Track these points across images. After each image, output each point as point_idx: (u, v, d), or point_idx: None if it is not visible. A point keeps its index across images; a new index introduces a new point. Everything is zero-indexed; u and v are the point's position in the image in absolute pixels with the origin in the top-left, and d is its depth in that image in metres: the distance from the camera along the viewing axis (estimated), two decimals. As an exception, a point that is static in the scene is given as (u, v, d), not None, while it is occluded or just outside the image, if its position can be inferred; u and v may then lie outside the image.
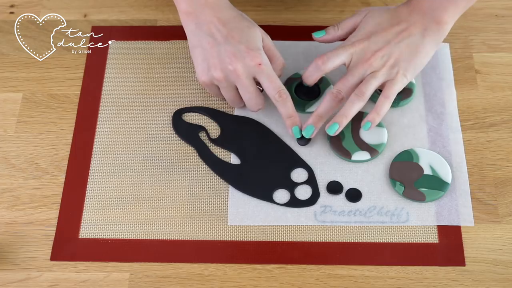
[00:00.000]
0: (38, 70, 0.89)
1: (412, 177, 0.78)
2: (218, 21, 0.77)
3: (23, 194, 0.80)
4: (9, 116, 0.85)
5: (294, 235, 0.76)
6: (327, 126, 0.78)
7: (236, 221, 0.77)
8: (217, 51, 0.76)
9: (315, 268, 0.75)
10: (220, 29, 0.77)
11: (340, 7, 0.94)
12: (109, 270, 0.75)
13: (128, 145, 0.82)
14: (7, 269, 0.75)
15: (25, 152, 0.82)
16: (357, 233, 0.76)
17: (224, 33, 0.77)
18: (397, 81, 0.77)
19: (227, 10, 0.79)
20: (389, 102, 0.77)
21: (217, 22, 0.77)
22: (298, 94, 0.85)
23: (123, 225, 0.77)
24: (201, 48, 0.77)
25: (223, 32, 0.77)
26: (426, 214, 0.77)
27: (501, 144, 0.82)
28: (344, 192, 0.79)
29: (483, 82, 0.86)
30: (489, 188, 0.79)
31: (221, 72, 0.76)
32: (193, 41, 0.78)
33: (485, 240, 0.76)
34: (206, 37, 0.77)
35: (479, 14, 0.92)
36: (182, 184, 0.80)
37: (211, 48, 0.77)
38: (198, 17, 0.78)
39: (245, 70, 0.76)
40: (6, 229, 0.77)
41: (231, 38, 0.76)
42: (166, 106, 0.85)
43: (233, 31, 0.77)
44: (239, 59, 0.76)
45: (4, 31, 0.92)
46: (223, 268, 0.75)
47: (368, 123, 0.77)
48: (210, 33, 0.77)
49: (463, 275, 0.74)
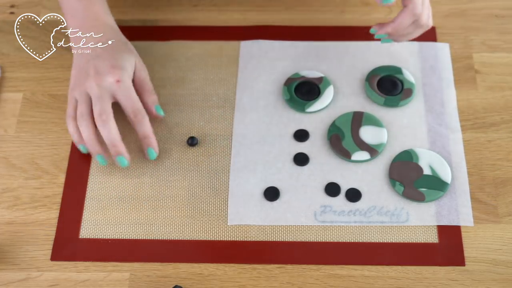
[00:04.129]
0: (38, 70, 0.89)
1: (412, 177, 0.78)
2: (99, 41, 0.80)
3: (23, 194, 0.80)
4: (9, 116, 0.85)
5: (294, 235, 0.76)
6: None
7: (236, 221, 0.77)
8: (86, 66, 0.79)
9: (315, 268, 0.75)
10: (96, 49, 0.80)
11: (340, 7, 0.94)
12: (109, 270, 0.75)
13: (128, 145, 0.82)
14: (7, 269, 0.75)
15: (25, 152, 0.82)
16: (357, 233, 0.76)
17: (98, 52, 0.79)
18: None
19: (111, 34, 0.82)
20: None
21: (98, 42, 0.80)
22: (298, 94, 0.85)
23: (123, 225, 0.77)
24: (77, 65, 0.81)
25: (97, 51, 0.80)
26: (426, 214, 0.77)
27: (501, 144, 0.82)
28: (344, 192, 0.79)
29: (483, 82, 0.86)
30: (489, 188, 0.79)
31: (82, 86, 0.78)
32: (74, 60, 0.82)
33: (485, 240, 0.76)
34: (84, 56, 0.80)
35: (479, 14, 0.92)
36: (182, 184, 0.80)
37: (81, 64, 0.80)
38: (83, 38, 0.81)
39: (104, 86, 0.77)
40: (6, 229, 0.78)
41: (101, 56, 0.79)
42: (166, 106, 0.85)
43: (106, 51, 0.79)
44: (100, 74, 0.78)
45: (4, 31, 0.92)
46: (223, 268, 0.75)
47: (391, 41, 0.82)
48: (86, 52, 0.80)
49: (463, 275, 0.74)
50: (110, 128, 0.77)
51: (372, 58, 0.88)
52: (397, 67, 0.87)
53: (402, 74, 0.86)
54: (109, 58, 0.79)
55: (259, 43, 0.90)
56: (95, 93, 0.77)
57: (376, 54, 0.88)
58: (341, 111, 0.84)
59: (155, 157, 0.80)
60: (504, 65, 0.88)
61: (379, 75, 0.86)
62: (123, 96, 0.78)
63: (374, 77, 0.86)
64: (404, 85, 0.85)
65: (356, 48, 0.89)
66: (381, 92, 0.85)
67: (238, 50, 0.90)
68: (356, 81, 0.87)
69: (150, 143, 0.79)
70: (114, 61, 0.79)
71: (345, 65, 0.88)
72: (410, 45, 0.89)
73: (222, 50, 0.90)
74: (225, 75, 0.88)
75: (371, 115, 0.83)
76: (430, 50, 0.89)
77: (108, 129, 0.77)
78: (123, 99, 0.78)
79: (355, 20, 0.92)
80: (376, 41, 0.89)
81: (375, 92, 0.85)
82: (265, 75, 0.87)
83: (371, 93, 0.85)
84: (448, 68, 0.87)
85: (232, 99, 0.86)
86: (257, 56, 0.89)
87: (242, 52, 0.89)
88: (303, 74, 0.86)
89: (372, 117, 0.83)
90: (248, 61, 0.88)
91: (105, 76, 0.77)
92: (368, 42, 0.89)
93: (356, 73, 0.87)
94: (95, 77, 0.78)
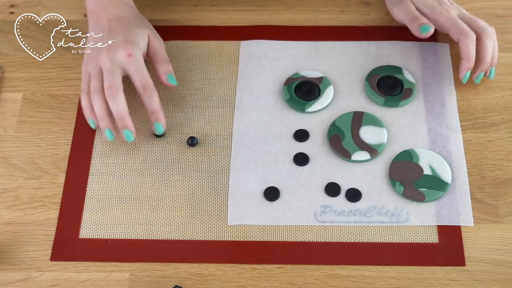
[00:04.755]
0: (38, 70, 0.89)
1: (412, 177, 0.78)
2: (113, 17, 0.83)
3: (23, 194, 0.80)
4: (9, 116, 0.85)
5: (294, 235, 0.76)
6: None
7: (236, 221, 0.77)
8: (100, 40, 0.81)
9: (315, 268, 0.75)
10: (111, 24, 0.82)
11: (340, 7, 0.94)
12: (109, 270, 0.75)
13: (128, 145, 0.82)
14: (7, 269, 0.75)
15: (25, 152, 0.82)
16: (357, 233, 0.76)
17: (112, 27, 0.82)
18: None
19: (126, 9, 0.85)
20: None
21: (112, 18, 0.83)
22: (298, 94, 0.85)
23: (123, 225, 0.77)
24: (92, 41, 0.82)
25: (112, 26, 0.82)
26: (426, 214, 0.77)
27: (501, 144, 0.82)
28: (344, 192, 0.79)
29: (483, 82, 0.86)
30: (489, 188, 0.79)
31: (95, 60, 0.80)
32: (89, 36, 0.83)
33: (485, 240, 0.76)
34: (98, 30, 0.82)
35: (479, 14, 0.92)
36: (182, 184, 0.80)
37: (97, 39, 0.81)
38: (99, 14, 0.83)
39: (116, 60, 0.79)
40: (6, 229, 0.77)
41: (114, 31, 0.81)
42: (166, 106, 0.85)
43: (119, 26, 0.82)
44: (113, 49, 0.80)
45: (4, 31, 0.92)
46: (223, 268, 0.75)
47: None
48: (101, 27, 0.82)
49: (463, 275, 0.74)
50: (118, 101, 0.78)
51: (372, 58, 0.88)
52: (397, 67, 0.86)
53: (402, 74, 0.86)
54: (123, 33, 0.81)
55: (259, 43, 0.90)
56: (107, 67, 0.79)
57: (376, 54, 0.88)
58: (341, 111, 0.84)
59: (162, 132, 0.81)
60: (504, 65, 0.88)
61: (379, 75, 0.86)
62: (134, 70, 0.79)
63: (374, 77, 0.86)
64: (404, 85, 0.85)
65: (356, 48, 0.89)
66: (381, 92, 0.85)
67: (238, 50, 0.90)
68: (356, 81, 0.87)
69: (157, 118, 0.80)
70: (127, 36, 0.81)
71: (345, 65, 0.88)
72: (410, 45, 0.89)
73: (222, 50, 0.90)
74: (225, 75, 0.88)
75: (371, 115, 0.83)
76: (430, 50, 0.89)
77: (117, 102, 0.78)
78: (134, 73, 0.79)
79: (355, 20, 0.92)
80: (376, 41, 0.89)
81: (375, 92, 0.84)
82: (265, 75, 0.87)
83: (371, 93, 0.84)
84: (448, 68, 0.87)
85: (232, 99, 0.86)
86: (257, 56, 0.89)
87: (242, 52, 0.89)
88: (303, 74, 0.86)
89: (372, 117, 0.83)
90: (248, 61, 0.88)
91: (117, 50, 0.79)
92: (368, 42, 0.89)
93: (356, 73, 0.87)
94: (108, 52, 0.79)
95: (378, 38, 0.90)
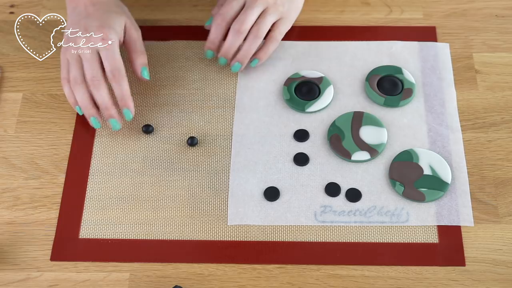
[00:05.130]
0: (38, 70, 0.89)
1: (412, 177, 0.78)
2: (90, 3, 0.82)
3: (23, 194, 0.80)
4: (9, 116, 0.85)
5: (294, 235, 0.76)
6: (232, 64, 0.85)
7: (236, 221, 0.77)
8: (77, 26, 0.81)
9: (315, 268, 0.75)
10: (88, 9, 0.82)
11: (340, 7, 0.94)
12: (109, 270, 0.75)
13: (128, 145, 0.82)
14: (7, 269, 0.75)
15: (25, 152, 0.82)
16: (357, 233, 0.76)
17: (89, 12, 0.82)
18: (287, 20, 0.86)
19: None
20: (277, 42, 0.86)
21: (89, 3, 0.82)
22: (298, 94, 0.85)
23: (123, 225, 0.77)
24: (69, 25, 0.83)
25: (88, 11, 0.82)
26: (426, 214, 0.77)
27: (501, 144, 0.82)
28: (344, 192, 0.79)
29: (483, 82, 0.86)
30: (489, 188, 0.79)
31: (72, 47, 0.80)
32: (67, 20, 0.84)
33: (485, 240, 0.76)
34: (76, 16, 0.82)
35: (479, 14, 0.92)
36: (182, 184, 0.80)
37: (73, 24, 0.82)
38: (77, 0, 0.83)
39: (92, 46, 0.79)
40: (6, 229, 0.77)
41: (92, 15, 0.81)
42: (166, 106, 0.85)
43: (96, 11, 0.82)
44: (89, 33, 0.80)
45: (4, 31, 0.92)
46: (223, 268, 0.75)
47: (256, 60, 0.85)
48: (79, 12, 0.82)
49: (463, 275, 0.74)
50: (102, 92, 0.79)
51: (372, 58, 0.88)
52: (397, 67, 0.86)
53: (402, 74, 0.86)
54: (99, 17, 0.81)
55: (259, 43, 0.90)
56: (85, 55, 0.79)
57: (376, 54, 0.88)
58: (341, 111, 0.84)
59: (130, 118, 0.81)
60: (504, 65, 0.88)
61: (379, 75, 0.86)
62: (106, 54, 0.79)
63: (374, 77, 0.86)
64: (404, 85, 0.85)
65: (356, 48, 0.89)
66: (381, 92, 0.85)
67: (238, 50, 0.90)
68: (356, 81, 0.86)
69: (126, 104, 0.80)
70: (103, 21, 0.81)
71: (345, 65, 0.88)
72: (410, 45, 0.89)
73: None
74: (225, 75, 0.88)
75: (371, 115, 0.83)
76: (430, 50, 0.89)
77: (101, 93, 0.79)
78: (105, 57, 0.80)
79: (355, 20, 0.92)
80: (376, 41, 0.89)
81: (375, 92, 0.84)
82: (265, 75, 0.87)
83: (371, 93, 0.84)
84: (448, 68, 0.87)
85: (232, 99, 0.86)
86: (257, 56, 0.89)
87: (242, 52, 0.89)
88: (303, 74, 0.86)
89: (372, 117, 0.83)
90: (248, 61, 0.88)
91: (93, 35, 0.80)
92: (368, 42, 0.89)
93: (356, 73, 0.87)
94: (84, 37, 0.80)
95: (378, 38, 0.90)
